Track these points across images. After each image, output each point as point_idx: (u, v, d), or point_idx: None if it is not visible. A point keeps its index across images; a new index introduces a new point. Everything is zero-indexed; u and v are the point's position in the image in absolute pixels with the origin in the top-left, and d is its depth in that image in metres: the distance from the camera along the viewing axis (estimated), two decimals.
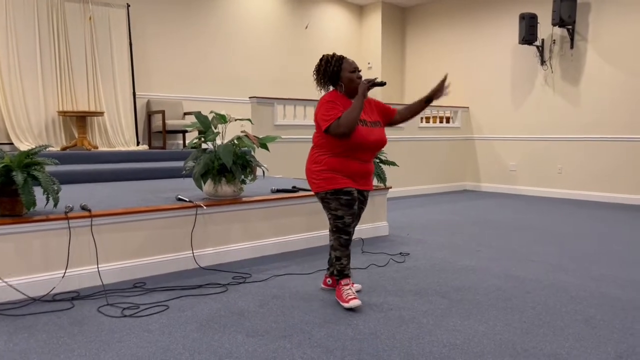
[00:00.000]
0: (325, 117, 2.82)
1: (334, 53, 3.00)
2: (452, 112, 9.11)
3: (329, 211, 2.94)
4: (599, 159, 7.59)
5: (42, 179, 3.02)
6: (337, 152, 2.87)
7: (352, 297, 2.86)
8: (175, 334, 2.50)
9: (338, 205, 2.88)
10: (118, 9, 6.98)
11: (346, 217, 2.89)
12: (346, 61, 2.94)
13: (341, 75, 2.91)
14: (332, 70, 2.91)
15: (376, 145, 2.94)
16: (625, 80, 7.27)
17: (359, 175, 2.94)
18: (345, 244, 2.93)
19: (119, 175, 5.39)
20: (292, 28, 9.14)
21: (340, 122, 2.77)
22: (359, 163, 2.92)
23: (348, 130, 2.77)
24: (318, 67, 2.97)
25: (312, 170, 2.94)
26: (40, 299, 2.99)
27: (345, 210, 2.89)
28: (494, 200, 7.76)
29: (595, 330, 2.56)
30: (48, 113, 6.46)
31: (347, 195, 2.88)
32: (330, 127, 2.79)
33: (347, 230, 2.92)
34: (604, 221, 5.83)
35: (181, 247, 3.66)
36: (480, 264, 3.85)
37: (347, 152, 2.86)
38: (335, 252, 2.96)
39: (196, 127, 3.95)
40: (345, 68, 2.92)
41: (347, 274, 2.96)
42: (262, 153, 5.21)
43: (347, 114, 2.79)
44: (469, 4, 9.17)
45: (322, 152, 2.91)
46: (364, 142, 2.85)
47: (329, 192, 2.88)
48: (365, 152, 2.92)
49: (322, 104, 2.90)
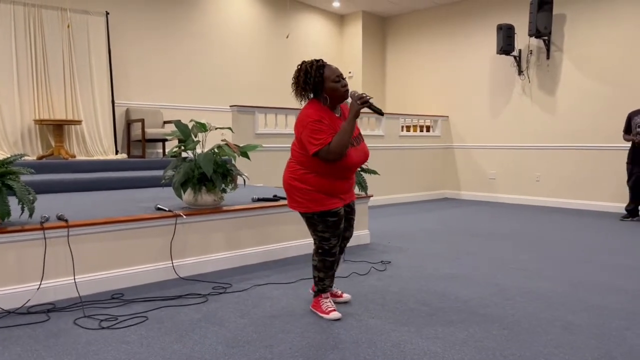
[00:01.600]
0: (313, 141, 2.62)
1: (313, 60, 2.74)
2: (432, 121, 9.21)
3: (315, 233, 2.83)
4: (576, 167, 7.74)
5: (17, 189, 2.96)
6: (323, 172, 2.72)
7: (331, 309, 2.86)
8: (154, 346, 2.46)
9: (325, 227, 2.78)
10: (97, 16, 6.91)
11: (332, 239, 2.81)
12: (328, 68, 2.69)
13: (324, 86, 2.68)
14: (313, 82, 2.67)
15: (363, 162, 2.86)
16: (600, 90, 7.44)
17: (344, 192, 2.87)
18: (330, 266, 2.87)
19: (97, 185, 5.31)
20: (273, 37, 9.16)
21: (331, 149, 2.60)
22: (344, 181, 2.82)
23: (339, 157, 2.62)
24: (297, 77, 2.72)
25: (296, 187, 2.77)
26: (15, 311, 2.91)
27: (332, 232, 2.80)
28: (474, 208, 7.84)
29: (573, 336, 2.59)
30: (24, 121, 6.35)
31: (334, 216, 2.78)
32: (319, 152, 2.62)
33: (332, 252, 2.84)
34: (582, 228, 5.93)
35: (160, 257, 3.61)
36: (460, 272, 3.88)
37: (334, 172, 2.73)
38: (319, 273, 2.88)
39: (176, 135, 3.92)
40: (327, 77, 2.67)
41: (328, 290, 2.94)
42: (243, 162, 5.18)
43: (338, 140, 2.60)
44: (447, 14, 9.31)
45: (305, 169, 2.74)
46: (353, 164, 2.75)
47: (315, 214, 2.77)
48: (350, 171, 2.83)
49: (306, 123, 2.66)
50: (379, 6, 9.70)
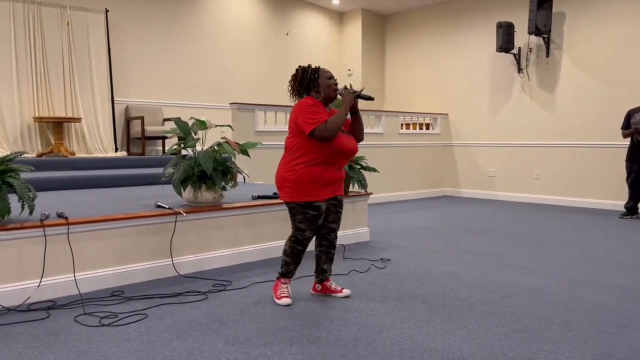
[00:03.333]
0: (310, 120, 2.83)
1: (309, 64, 3.05)
2: (432, 119, 9.21)
3: (294, 222, 3.03)
4: (575, 164, 7.74)
5: (17, 186, 2.96)
6: (314, 159, 2.89)
7: (284, 295, 3.05)
8: (154, 343, 2.46)
9: (303, 218, 2.98)
10: (96, 14, 6.90)
11: (307, 232, 3.01)
12: (322, 70, 3.01)
13: (318, 82, 2.96)
14: (309, 78, 2.96)
15: (352, 152, 3.03)
16: (599, 88, 7.44)
17: (334, 183, 3.03)
18: (297, 254, 3.07)
19: (96, 182, 5.31)
20: (272, 35, 9.14)
21: (327, 126, 2.82)
22: (334, 171, 2.98)
23: (333, 134, 2.83)
24: (295, 75, 3.02)
25: (285, 178, 2.95)
26: (15, 309, 2.92)
27: (308, 225, 2.99)
28: (473, 205, 7.85)
29: (572, 333, 2.60)
30: (24, 119, 6.34)
31: (315, 210, 2.96)
32: (315, 130, 2.82)
33: (304, 243, 3.04)
34: (580, 226, 5.94)
35: (160, 254, 3.62)
36: (460, 269, 3.88)
37: (324, 159, 2.90)
38: (286, 258, 3.08)
39: (176, 133, 3.91)
40: (322, 75, 2.98)
41: (290, 276, 3.12)
42: (243, 159, 5.18)
43: (334, 119, 2.85)
44: (447, 12, 9.30)
45: (297, 159, 2.91)
46: (342, 148, 2.94)
47: (299, 204, 2.95)
48: (342, 159, 3.01)
49: (302, 107, 2.90)
50: (379, 4, 9.69)
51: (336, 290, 3.20)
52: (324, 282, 3.22)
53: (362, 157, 4.78)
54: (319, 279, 3.22)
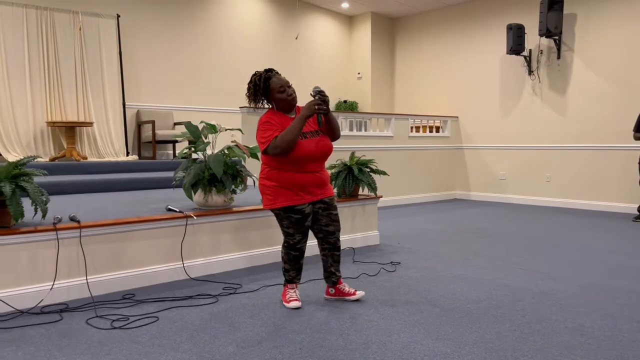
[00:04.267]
0: (262, 139, 2.84)
1: (263, 70, 2.95)
2: (442, 122, 9.18)
3: (282, 227, 3.04)
4: (586, 167, 7.68)
5: (31, 190, 3.00)
6: (284, 166, 2.89)
7: (293, 299, 3.05)
8: (165, 346, 2.48)
9: (289, 223, 2.98)
10: (108, 19, 6.97)
11: (296, 235, 3.00)
12: (273, 81, 2.90)
13: (270, 97, 2.93)
14: (262, 91, 2.92)
15: (319, 155, 2.95)
16: (611, 90, 7.38)
17: (314, 186, 2.98)
18: (294, 259, 3.06)
19: (108, 186, 5.36)
20: (282, 38, 9.18)
21: (277, 143, 2.79)
22: (310, 175, 2.95)
23: (286, 149, 2.79)
24: (248, 88, 2.97)
25: (265, 185, 2.97)
26: (28, 311, 2.95)
27: (295, 229, 2.98)
28: (483, 208, 7.81)
29: (584, 338, 2.57)
30: (37, 123, 6.42)
31: (298, 214, 2.95)
32: (267, 148, 2.82)
33: (296, 247, 3.03)
34: (593, 229, 5.89)
35: (171, 257, 3.64)
36: (470, 273, 3.86)
37: (293, 166, 2.89)
38: (284, 265, 3.09)
39: (186, 137, 3.94)
40: (273, 89, 2.90)
41: (295, 282, 3.13)
42: (253, 163, 5.20)
43: (284, 135, 2.79)
44: (457, 14, 9.28)
45: (270, 168, 2.94)
46: (305, 154, 2.88)
47: (281, 210, 2.96)
48: (312, 163, 2.95)
49: (259, 125, 2.91)
50: (388, 7, 9.69)
51: (349, 293, 3.18)
52: (336, 286, 3.19)
53: (372, 160, 4.78)
54: (331, 282, 3.20)
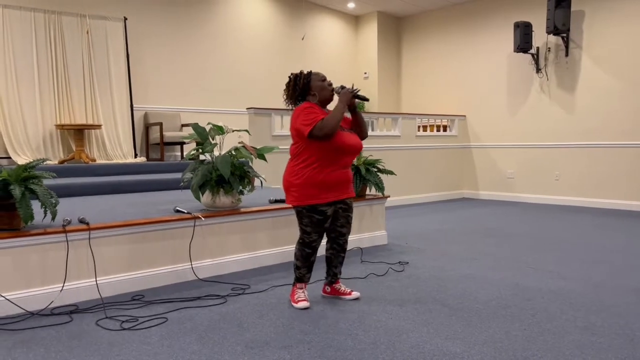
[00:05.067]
0: (306, 121, 2.87)
1: (301, 70, 3.10)
2: (449, 121, 9.15)
3: (300, 224, 3.05)
4: (596, 165, 7.62)
5: (40, 193, 3.02)
6: (317, 161, 2.91)
7: (302, 299, 3.06)
8: (174, 346, 2.49)
9: (309, 222, 3.00)
10: (115, 22, 7.01)
11: (313, 234, 3.02)
12: (314, 73, 3.06)
13: (311, 85, 3.01)
14: (302, 83, 3.00)
15: (355, 149, 3.03)
16: (620, 87, 7.32)
17: (341, 184, 3.02)
18: (307, 256, 3.07)
19: (117, 188, 5.38)
20: (288, 39, 9.19)
21: (324, 124, 2.84)
22: (339, 171, 2.99)
23: (331, 132, 2.83)
24: (288, 83, 3.06)
25: (291, 182, 2.98)
26: (39, 313, 2.97)
27: (314, 228, 3.01)
28: (492, 207, 7.77)
29: (595, 337, 2.55)
30: (45, 126, 6.46)
31: (321, 215, 2.98)
32: (313, 130, 2.84)
33: (312, 245, 3.05)
34: (602, 228, 5.84)
35: (179, 258, 3.65)
36: (479, 272, 3.85)
37: (327, 160, 2.92)
38: (296, 261, 3.10)
39: (194, 138, 3.95)
40: (314, 79, 3.03)
41: (305, 281, 3.12)
42: (260, 163, 5.20)
43: (330, 116, 2.88)
44: (463, 13, 9.24)
45: (301, 163, 2.95)
46: (344, 145, 2.93)
47: (305, 208, 2.97)
48: (345, 157, 3.00)
49: (299, 112, 2.95)
50: (394, 6, 9.67)
51: (345, 292, 3.22)
52: (333, 285, 3.25)
53: (379, 160, 4.77)
54: (329, 280, 3.25)
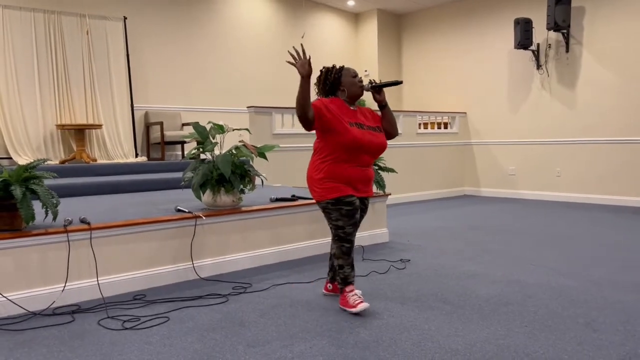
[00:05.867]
0: None
1: (334, 64, 3.09)
2: (450, 118, 9.14)
3: (330, 221, 2.95)
4: (597, 161, 7.61)
5: (41, 193, 3.02)
6: (336, 156, 2.88)
7: (359, 301, 2.89)
8: (176, 346, 2.49)
9: (339, 215, 2.90)
10: (115, 21, 7.01)
11: (347, 227, 2.91)
12: (346, 69, 3.05)
13: (342, 81, 3.00)
14: (333, 78, 3.00)
15: (375, 147, 2.94)
16: (621, 83, 7.30)
17: (359, 182, 2.95)
18: (347, 252, 2.94)
19: (118, 188, 5.39)
20: (288, 37, 9.18)
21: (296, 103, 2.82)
22: (358, 169, 2.93)
23: (299, 113, 2.76)
24: (319, 77, 3.06)
25: (313, 178, 2.96)
26: (41, 313, 2.98)
27: (346, 221, 2.90)
28: (493, 204, 7.76)
29: (597, 333, 2.55)
30: (46, 126, 6.47)
31: (349, 205, 2.89)
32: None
33: (348, 239, 2.93)
34: (604, 224, 5.83)
35: (181, 258, 3.65)
36: (481, 269, 3.84)
37: (345, 156, 2.87)
38: (337, 261, 2.96)
39: (194, 137, 3.95)
40: (345, 74, 3.02)
41: (351, 281, 2.97)
42: (261, 162, 5.21)
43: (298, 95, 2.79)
44: (463, 9, 9.22)
45: (321, 158, 2.93)
46: (357, 142, 2.85)
47: (330, 202, 2.89)
48: (363, 155, 2.92)
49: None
50: (394, 3, 9.65)
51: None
52: (335, 282, 3.22)
53: (380, 158, 4.77)
54: (331, 276, 3.23)
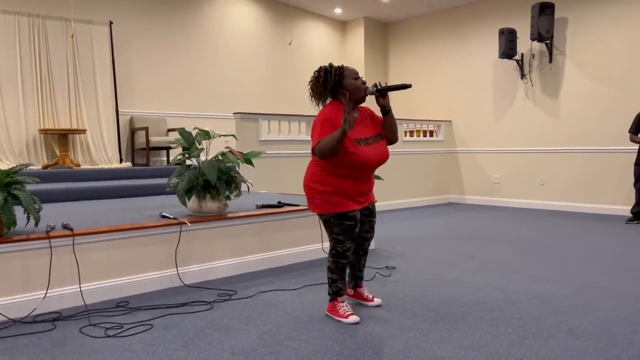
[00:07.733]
0: (317, 136, 2.65)
1: (331, 63, 2.83)
2: (435, 126, 9.21)
3: (331, 234, 2.87)
4: (580, 170, 7.71)
5: (23, 198, 2.98)
6: (341, 171, 2.73)
7: (350, 312, 2.89)
8: (160, 353, 2.46)
9: (340, 230, 2.82)
10: (100, 26, 6.96)
11: (346, 242, 2.85)
12: (347, 69, 2.79)
13: (344, 83, 2.74)
14: (334, 80, 2.73)
15: (378, 162, 2.81)
16: (603, 92, 7.43)
17: (363, 194, 2.89)
18: (342, 267, 2.91)
19: (101, 194, 5.33)
20: (275, 44, 9.19)
21: (321, 149, 2.60)
22: (363, 182, 2.84)
23: (324, 157, 2.63)
24: (316, 78, 2.78)
25: (315, 189, 2.80)
26: (21, 320, 2.92)
27: (346, 236, 2.83)
28: (478, 212, 7.83)
29: (580, 340, 2.57)
30: (29, 131, 6.39)
31: (351, 220, 2.81)
32: (314, 149, 2.66)
33: (346, 255, 2.88)
34: (586, 231, 5.91)
35: (165, 264, 3.62)
36: (465, 277, 3.87)
37: (349, 171, 2.74)
38: (332, 275, 2.92)
39: (180, 143, 3.93)
40: (347, 75, 2.76)
41: (343, 293, 2.97)
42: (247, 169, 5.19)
43: (325, 142, 2.59)
44: (449, 19, 9.33)
45: (324, 171, 2.77)
46: (365, 163, 2.73)
47: (333, 216, 2.80)
48: (368, 172, 2.84)
49: (322, 120, 2.69)
50: (381, 12, 9.73)
51: (368, 298, 3.16)
52: (357, 288, 3.18)
53: None
54: (353, 284, 3.19)
